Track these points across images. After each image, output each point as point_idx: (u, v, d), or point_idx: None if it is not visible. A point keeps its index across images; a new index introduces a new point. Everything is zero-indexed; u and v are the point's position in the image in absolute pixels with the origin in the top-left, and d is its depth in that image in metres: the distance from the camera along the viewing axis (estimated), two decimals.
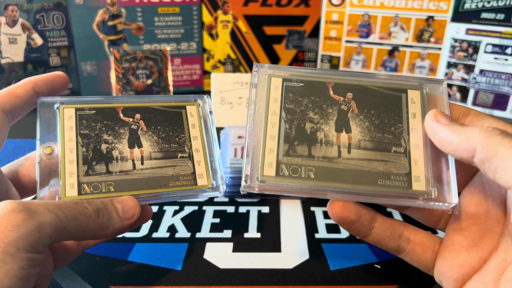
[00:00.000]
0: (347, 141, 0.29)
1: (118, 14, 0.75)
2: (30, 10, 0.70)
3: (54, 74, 0.30)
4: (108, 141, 0.31)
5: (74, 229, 0.24)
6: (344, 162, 0.28)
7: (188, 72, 0.82)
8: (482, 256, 0.27)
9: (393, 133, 0.29)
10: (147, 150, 0.31)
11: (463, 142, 0.24)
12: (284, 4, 0.78)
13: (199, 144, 0.33)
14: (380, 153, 0.29)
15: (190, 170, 0.32)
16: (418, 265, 0.30)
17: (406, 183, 0.28)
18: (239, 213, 0.45)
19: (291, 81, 0.30)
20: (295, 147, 0.29)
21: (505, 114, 0.73)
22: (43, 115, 0.30)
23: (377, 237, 0.29)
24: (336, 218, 0.28)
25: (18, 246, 0.21)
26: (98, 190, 0.29)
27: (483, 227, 0.28)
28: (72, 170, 0.29)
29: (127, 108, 0.32)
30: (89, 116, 0.31)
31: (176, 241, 0.41)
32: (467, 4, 0.71)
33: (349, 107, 0.30)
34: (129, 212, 0.28)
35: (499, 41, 0.70)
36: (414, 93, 0.30)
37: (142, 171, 0.31)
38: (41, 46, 0.73)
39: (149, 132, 0.32)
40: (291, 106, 0.29)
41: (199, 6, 0.78)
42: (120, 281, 0.35)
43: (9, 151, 0.58)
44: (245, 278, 0.36)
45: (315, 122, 0.29)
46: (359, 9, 0.77)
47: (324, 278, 0.36)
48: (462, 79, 0.75)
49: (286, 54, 0.82)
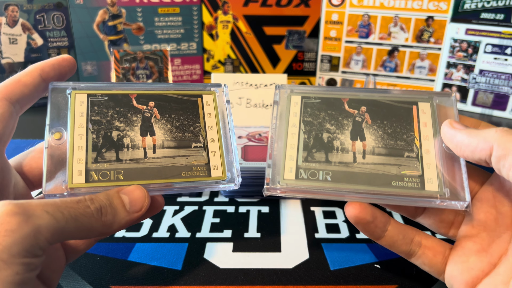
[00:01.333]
0: (362, 148, 0.31)
1: (118, 14, 0.75)
2: (30, 10, 0.71)
3: (60, 58, 0.29)
4: (120, 128, 0.30)
5: (75, 230, 0.23)
6: (359, 167, 0.30)
7: (188, 72, 0.82)
8: (491, 261, 0.27)
9: (405, 140, 0.31)
10: (159, 139, 0.30)
11: (481, 142, 0.25)
12: (284, 4, 0.79)
13: (214, 134, 0.32)
14: (394, 158, 0.31)
15: (204, 160, 0.31)
16: (429, 269, 0.30)
17: (419, 184, 0.29)
18: (239, 213, 0.45)
19: (309, 98, 0.33)
20: (313, 154, 0.31)
21: (505, 114, 0.73)
22: (54, 101, 0.29)
23: (390, 240, 0.30)
24: (353, 218, 0.29)
25: (13, 252, 0.20)
26: (106, 178, 0.28)
27: (492, 233, 0.28)
28: (81, 156, 0.28)
29: (141, 95, 0.31)
30: (101, 102, 0.30)
31: (176, 241, 0.41)
32: (466, 4, 0.71)
33: (363, 119, 0.32)
34: (137, 204, 0.27)
35: (499, 41, 0.70)
36: (425, 105, 0.32)
37: (153, 160, 0.29)
38: (42, 46, 0.73)
39: (163, 120, 0.31)
40: (309, 119, 0.32)
41: (199, 6, 0.78)
42: (120, 281, 0.36)
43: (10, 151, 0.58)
44: (245, 278, 0.36)
45: (332, 132, 0.32)
46: (359, 9, 0.77)
47: (324, 278, 0.36)
48: (462, 79, 0.75)
49: (286, 54, 0.83)
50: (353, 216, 0.29)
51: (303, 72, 0.84)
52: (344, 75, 0.83)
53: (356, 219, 0.29)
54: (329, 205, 0.47)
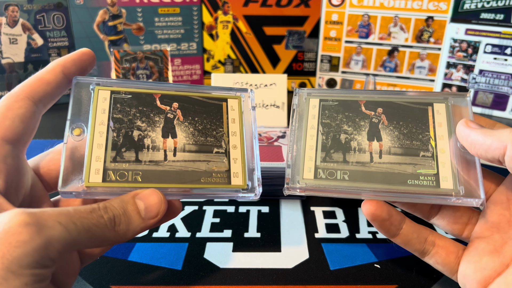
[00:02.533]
0: (379, 148, 0.32)
1: (118, 15, 0.75)
2: (30, 10, 0.71)
3: (80, 52, 0.28)
4: (141, 128, 0.29)
5: (87, 241, 0.23)
6: (376, 166, 0.31)
7: (188, 72, 0.82)
8: (504, 261, 0.28)
9: (421, 140, 0.32)
10: (181, 141, 0.29)
11: (495, 141, 0.26)
12: (284, 4, 0.79)
13: (237, 140, 0.31)
14: (409, 157, 0.31)
15: (225, 167, 0.30)
16: (442, 268, 0.31)
17: (434, 182, 0.30)
18: (239, 213, 0.45)
19: (327, 100, 0.34)
20: (331, 154, 0.32)
21: (505, 114, 0.73)
22: (77, 95, 0.28)
23: (404, 238, 0.31)
24: (369, 215, 0.30)
25: (22, 264, 0.20)
26: (124, 178, 0.27)
27: (505, 235, 0.29)
28: (100, 154, 0.27)
29: (165, 95, 0.30)
30: (124, 100, 0.29)
31: (176, 241, 0.41)
32: (466, 4, 0.71)
33: (380, 120, 0.33)
34: (153, 210, 0.26)
35: (499, 41, 0.70)
36: (440, 106, 0.33)
37: (173, 163, 0.29)
38: (42, 46, 0.73)
39: (186, 122, 0.30)
40: (327, 121, 0.33)
41: (199, 6, 0.78)
42: (120, 281, 0.36)
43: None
44: (245, 278, 0.36)
45: (349, 133, 0.33)
46: (358, 9, 0.77)
47: (324, 278, 0.36)
48: (462, 79, 0.75)
49: (286, 54, 0.83)
50: (370, 213, 0.30)
51: (303, 72, 0.84)
52: (344, 75, 0.83)
53: (373, 216, 0.30)
54: (329, 205, 0.47)
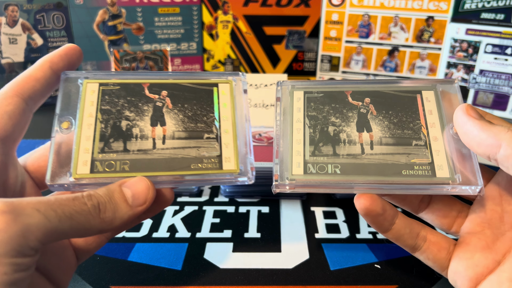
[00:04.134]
0: (369, 139, 0.31)
1: (118, 14, 0.75)
2: (30, 10, 0.71)
3: (67, 48, 0.29)
4: (129, 118, 0.29)
5: (70, 229, 0.22)
6: (368, 158, 0.30)
7: None
8: (496, 258, 0.28)
9: (412, 128, 0.31)
10: (170, 129, 0.29)
11: (490, 137, 0.25)
12: (284, 4, 0.78)
13: (229, 125, 0.30)
14: (402, 147, 0.30)
15: (216, 152, 0.29)
16: (432, 264, 0.30)
17: (430, 171, 0.29)
18: (239, 213, 0.45)
19: (312, 92, 0.33)
20: (320, 148, 0.31)
21: (505, 114, 0.73)
22: (65, 90, 0.28)
23: (397, 233, 0.30)
24: (363, 210, 0.29)
25: (0, 252, 0.19)
26: (112, 168, 0.27)
27: (496, 231, 0.28)
28: (88, 146, 0.27)
29: (154, 84, 0.30)
30: (112, 92, 0.29)
31: (176, 241, 0.41)
32: (467, 4, 0.71)
33: (368, 110, 0.32)
34: (140, 197, 0.26)
35: (499, 41, 0.70)
36: (428, 93, 0.32)
37: (162, 151, 0.28)
38: (41, 46, 0.73)
39: (175, 110, 0.30)
40: (313, 114, 0.32)
41: (199, 6, 0.78)
42: (120, 281, 0.35)
43: None
44: (245, 278, 0.36)
45: (337, 125, 0.31)
46: (359, 9, 0.77)
47: (324, 278, 0.36)
48: (462, 79, 0.75)
49: (286, 54, 0.82)
50: (363, 208, 0.29)
51: (303, 72, 0.84)
52: (344, 75, 0.82)
53: (366, 211, 0.29)
54: (329, 205, 0.47)
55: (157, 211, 0.29)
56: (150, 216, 0.29)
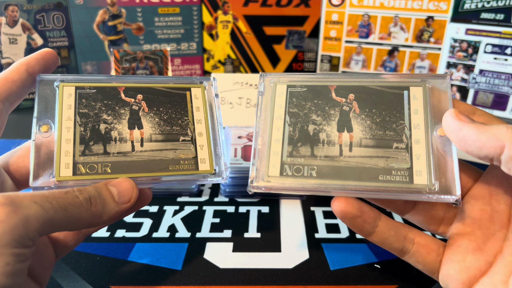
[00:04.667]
0: (349, 140, 0.30)
1: (118, 14, 0.75)
2: (30, 10, 0.71)
3: (43, 52, 0.29)
4: (107, 121, 0.30)
5: (65, 220, 0.23)
6: (346, 160, 0.29)
7: (188, 72, 0.82)
8: (488, 260, 0.27)
9: (395, 129, 0.30)
10: (147, 132, 0.30)
11: (491, 139, 0.24)
12: (284, 4, 0.79)
13: (203, 128, 0.32)
14: (381, 149, 0.29)
15: (192, 154, 0.31)
16: (422, 267, 0.30)
17: (407, 177, 0.28)
18: (239, 213, 0.45)
19: (295, 86, 0.31)
20: (298, 148, 0.30)
21: (505, 114, 0.73)
22: (42, 93, 0.29)
23: (381, 236, 0.29)
24: (338, 213, 0.28)
25: (2, 242, 0.20)
26: (94, 171, 0.28)
27: (486, 231, 0.28)
28: (68, 149, 0.28)
29: (129, 88, 0.31)
30: (89, 95, 0.30)
31: (176, 241, 0.41)
32: (466, 4, 0.71)
33: (351, 108, 0.31)
34: (126, 195, 0.27)
35: (499, 41, 0.70)
36: (416, 90, 0.30)
37: (141, 153, 0.30)
38: (41, 46, 0.73)
39: (151, 113, 0.31)
40: (294, 110, 0.31)
41: (199, 6, 0.78)
42: (120, 281, 0.35)
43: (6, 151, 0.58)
44: (245, 278, 0.36)
45: (318, 124, 0.30)
46: (359, 9, 0.77)
47: (324, 278, 0.36)
48: (462, 79, 0.75)
49: (286, 54, 0.83)
50: (339, 210, 0.28)
51: (303, 72, 0.84)
52: None
53: (342, 213, 0.28)
54: (329, 205, 0.47)
55: (136, 209, 0.30)
56: (129, 214, 0.30)
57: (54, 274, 0.36)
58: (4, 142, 0.59)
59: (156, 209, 0.46)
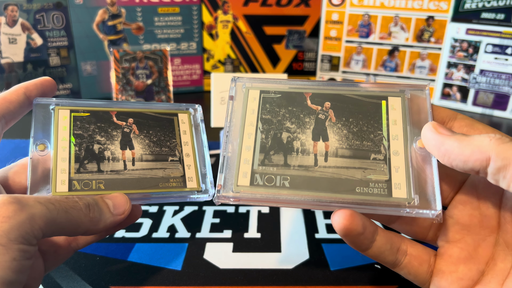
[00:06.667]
0: (324, 149, 0.28)
1: (118, 14, 0.75)
2: (30, 10, 0.70)
3: (43, 79, 0.31)
4: (101, 142, 0.31)
5: (66, 222, 0.24)
6: (321, 171, 0.28)
7: (188, 72, 0.82)
8: (479, 268, 0.26)
9: (372, 140, 0.28)
10: (138, 152, 0.32)
11: (475, 152, 0.23)
12: (284, 4, 0.78)
13: (189, 149, 0.34)
14: (359, 160, 0.28)
15: (180, 173, 0.33)
16: (413, 278, 0.28)
17: (386, 190, 0.27)
18: (239, 213, 0.45)
19: (269, 92, 0.30)
20: (271, 157, 0.28)
21: (505, 114, 0.73)
22: (38, 115, 0.30)
23: (377, 251, 0.27)
24: (342, 231, 0.26)
25: (10, 237, 0.21)
26: (88, 187, 0.30)
27: (476, 237, 0.27)
28: (64, 167, 0.29)
29: (121, 112, 0.33)
30: (83, 118, 0.31)
31: (176, 241, 0.41)
32: (467, 4, 0.71)
33: (327, 116, 0.29)
34: (120, 207, 0.28)
35: (499, 41, 0.70)
36: (395, 100, 0.29)
37: (132, 171, 0.31)
38: (41, 46, 0.73)
39: (141, 135, 0.33)
40: (268, 117, 0.30)
41: (199, 6, 0.78)
42: (120, 281, 0.35)
43: (9, 151, 0.58)
44: (245, 278, 0.36)
45: (292, 132, 0.29)
46: (359, 9, 0.77)
47: (324, 278, 0.36)
48: (462, 79, 0.75)
49: (286, 54, 0.82)
50: (342, 227, 0.26)
51: (303, 72, 0.84)
52: (345, 75, 0.82)
53: (347, 231, 0.26)
54: None
55: (127, 225, 0.32)
56: (119, 229, 0.32)
57: (54, 274, 0.36)
58: (3, 142, 0.59)
59: (156, 209, 0.46)
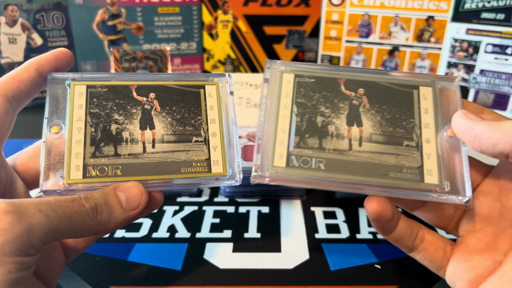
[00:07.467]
0: (358, 134, 0.29)
1: (118, 14, 0.75)
2: (30, 10, 0.70)
3: (57, 52, 0.29)
4: (119, 121, 0.29)
5: (69, 229, 0.23)
6: (355, 155, 0.28)
7: (188, 72, 0.82)
8: (496, 259, 0.27)
9: (405, 127, 0.29)
10: (159, 133, 0.29)
11: (504, 135, 0.24)
12: (284, 4, 0.78)
13: (216, 128, 0.31)
14: (392, 146, 0.29)
15: (205, 155, 0.30)
16: (428, 264, 0.30)
17: (418, 176, 0.28)
18: (239, 213, 0.45)
19: (303, 76, 0.30)
20: (306, 139, 0.29)
21: (505, 114, 0.73)
22: (53, 92, 0.28)
23: (398, 235, 0.29)
24: (374, 215, 0.27)
25: (5, 251, 0.20)
26: (104, 173, 0.27)
27: (496, 228, 0.28)
28: (79, 151, 0.27)
29: (142, 86, 0.30)
30: (100, 94, 0.29)
31: (176, 241, 0.41)
32: (467, 4, 0.71)
33: (361, 102, 0.30)
34: (134, 201, 0.27)
35: (499, 41, 0.70)
36: (426, 90, 0.30)
37: (152, 155, 0.29)
38: (41, 46, 0.73)
39: (163, 113, 0.30)
40: (302, 101, 0.30)
41: (199, 6, 0.78)
42: (120, 281, 0.35)
43: (9, 151, 0.58)
44: (245, 278, 0.36)
45: (326, 116, 0.29)
46: (359, 9, 0.77)
47: (324, 278, 0.36)
48: (463, 79, 0.75)
49: (286, 54, 0.82)
50: (376, 213, 0.27)
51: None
52: None
53: (378, 216, 0.27)
54: (329, 205, 0.47)
55: (146, 214, 0.29)
56: (140, 217, 0.30)
57: None
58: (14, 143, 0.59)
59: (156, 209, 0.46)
